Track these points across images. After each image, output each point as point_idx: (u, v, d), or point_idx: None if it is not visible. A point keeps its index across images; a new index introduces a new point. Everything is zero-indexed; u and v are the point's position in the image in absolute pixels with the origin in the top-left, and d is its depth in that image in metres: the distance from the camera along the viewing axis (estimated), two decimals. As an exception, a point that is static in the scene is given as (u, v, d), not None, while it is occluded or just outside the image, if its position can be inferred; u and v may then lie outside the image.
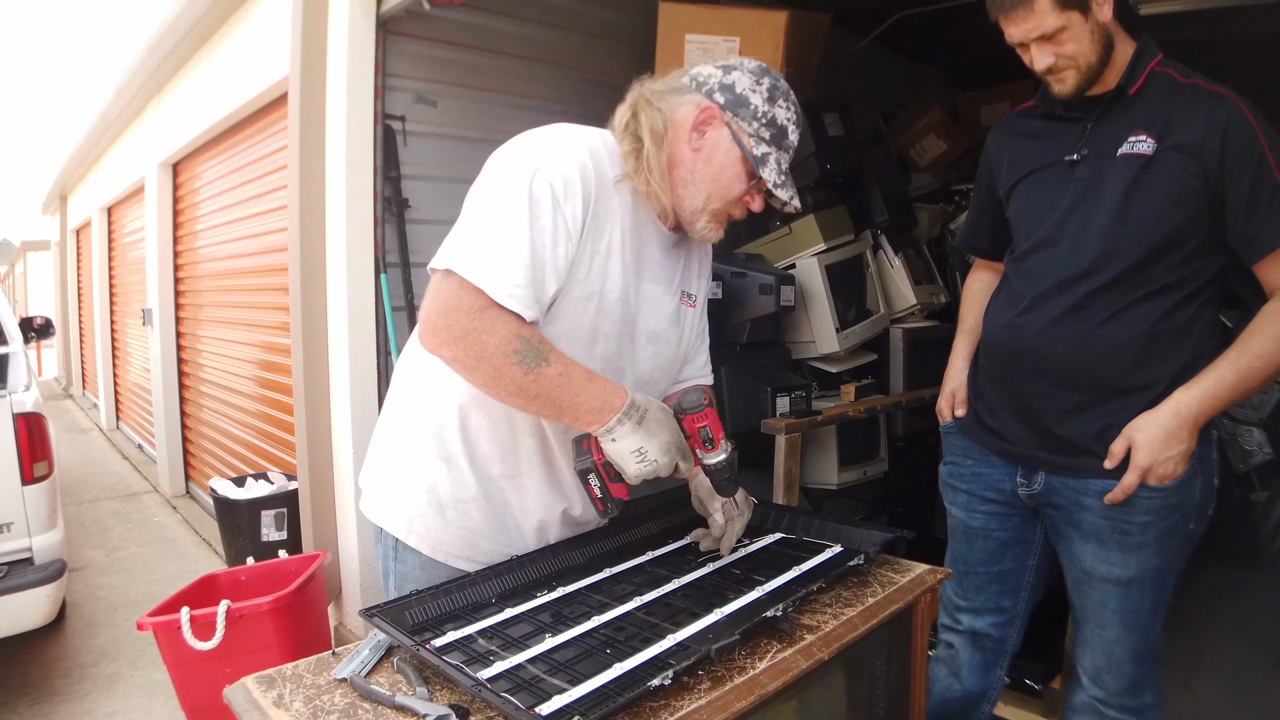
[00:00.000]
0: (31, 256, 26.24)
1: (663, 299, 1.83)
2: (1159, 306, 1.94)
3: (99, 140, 9.76)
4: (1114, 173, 1.95)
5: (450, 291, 1.53)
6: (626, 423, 1.55)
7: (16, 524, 3.83)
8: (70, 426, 11.82)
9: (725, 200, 1.72)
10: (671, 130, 1.70)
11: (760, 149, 1.68)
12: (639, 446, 1.55)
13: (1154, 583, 2.04)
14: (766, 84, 1.69)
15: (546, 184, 1.57)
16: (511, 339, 1.51)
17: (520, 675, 1.30)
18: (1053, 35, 1.89)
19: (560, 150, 1.63)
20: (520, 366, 1.51)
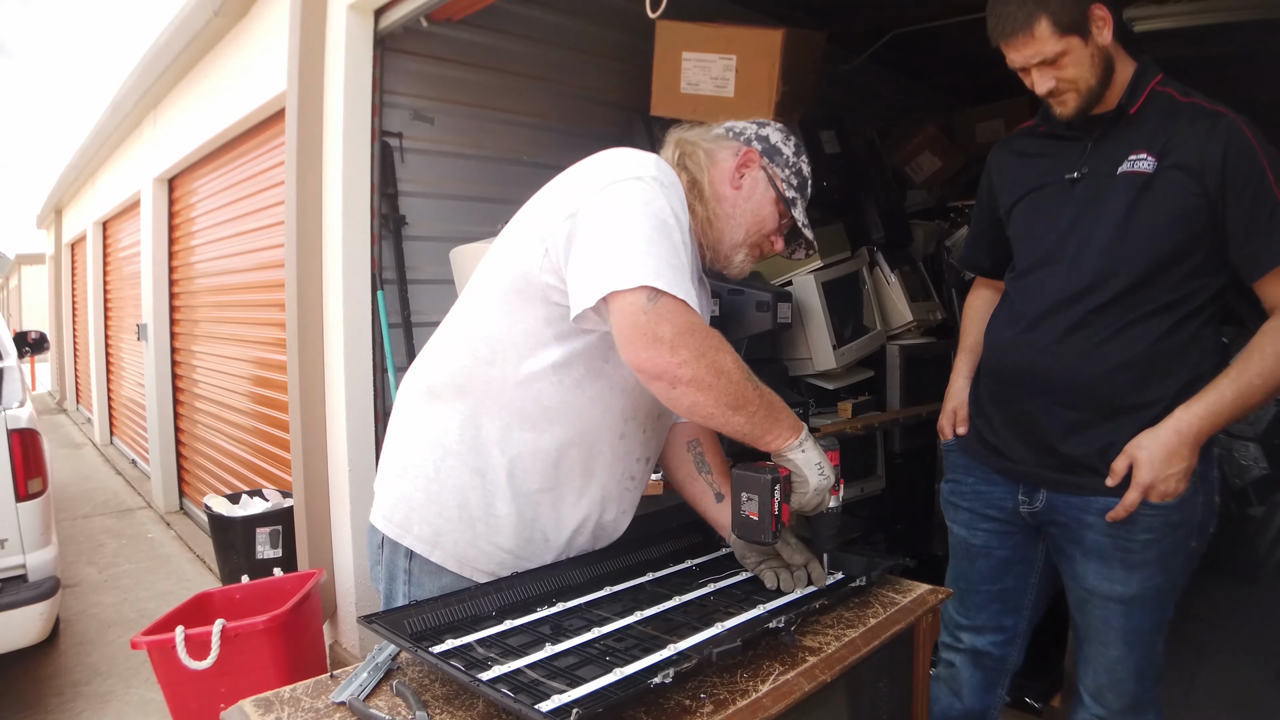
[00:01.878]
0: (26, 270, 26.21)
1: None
2: (1159, 325, 1.94)
3: (95, 155, 9.76)
4: (1114, 191, 1.96)
5: (673, 311, 1.54)
6: (808, 441, 1.67)
7: (10, 541, 3.81)
8: (64, 441, 11.78)
9: (761, 234, 1.87)
10: (714, 171, 1.85)
11: (790, 194, 1.85)
12: (819, 461, 1.66)
13: (1156, 601, 2.04)
14: (794, 142, 1.89)
15: (671, 213, 1.63)
16: (738, 355, 1.60)
17: (519, 679, 1.30)
18: (1053, 60, 1.91)
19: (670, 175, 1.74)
20: (750, 382, 1.59)
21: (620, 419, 1.81)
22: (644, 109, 3.88)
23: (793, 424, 1.66)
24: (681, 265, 1.59)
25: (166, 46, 5.99)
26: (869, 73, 5.19)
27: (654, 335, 1.51)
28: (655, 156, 1.77)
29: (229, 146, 5.94)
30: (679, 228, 1.63)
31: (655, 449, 1.97)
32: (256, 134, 5.41)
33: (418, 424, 1.83)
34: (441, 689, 1.38)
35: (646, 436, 1.89)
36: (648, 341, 1.52)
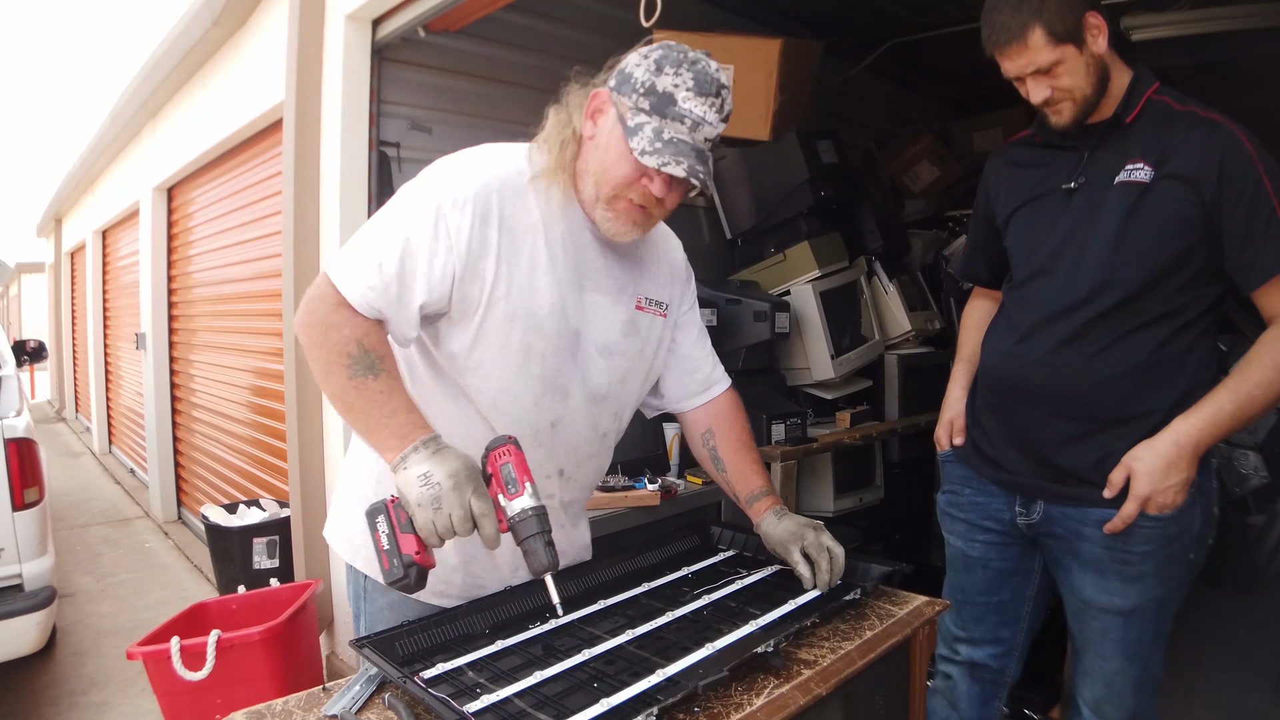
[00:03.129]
0: (26, 279, 26.22)
1: (612, 309, 1.75)
2: (1156, 335, 1.94)
3: (94, 164, 9.77)
4: (1111, 201, 1.96)
5: (321, 282, 1.55)
6: (423, 450, 1.42)
7: (6, 550, 3.80)
8: (62, 450, 11.77)
9: (614, 184, 1.59)
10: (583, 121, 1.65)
11: (636, 119, 1.54)
12: (425, 470, 1.39)
13: (1154, 613, 2.03)
14: (656, 55, 1.56)
15: (434, 197, 1.56)
16: (352, 342, 1.50)
17: (507, 709, 1.28)
18: (1048, 69, 1.90)
19: (463, 167, 1.62)
20: (348, 370, 1.48)
21: (487, 429, 1.67)
22: (642, 119, 3.88)
23: (400, 436, 1.44)
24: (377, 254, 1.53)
25: (165, 56, 6.00)
26: (866, 83, 5.20)
27: (305, 296, 1.57)
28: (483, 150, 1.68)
29: (227, 156, 5.94)
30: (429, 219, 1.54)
31: (573, 462, 1.80)
32: (255, 143, 5.42)
33: (361, 444, 1.81)
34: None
35: (546, 450, 1.73)
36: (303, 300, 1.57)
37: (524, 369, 1.65)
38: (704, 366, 1.96)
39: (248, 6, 4.90)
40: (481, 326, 1.61)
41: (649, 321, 1.82)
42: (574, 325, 1.69)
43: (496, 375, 1.65)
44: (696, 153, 1.54)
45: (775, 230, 3.98)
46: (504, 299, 1.61)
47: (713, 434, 1.95)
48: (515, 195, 1.62)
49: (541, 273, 1.63)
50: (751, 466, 1.92)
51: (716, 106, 1.55)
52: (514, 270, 1.61)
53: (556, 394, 1.69)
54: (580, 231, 1.68)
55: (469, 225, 1.56)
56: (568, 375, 1.70)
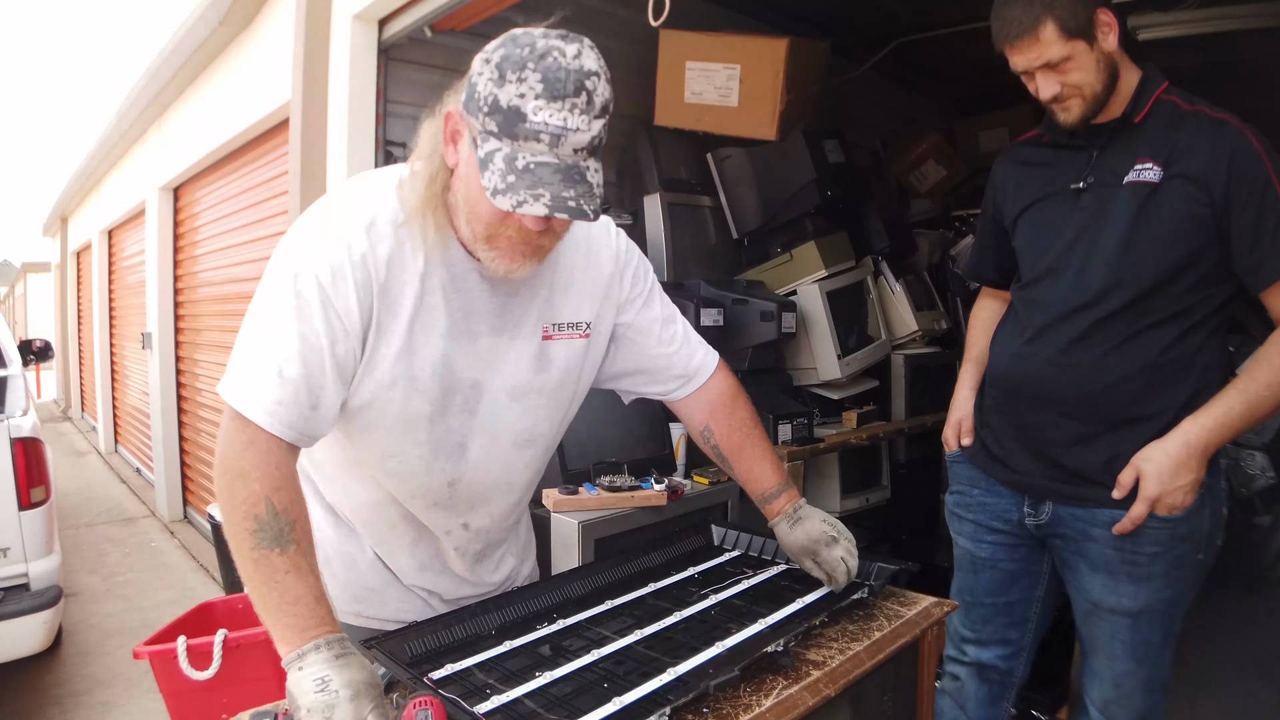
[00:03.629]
0: (32, 278, 26.28)
1: (514, 347, 1.55)
2: (1165, 335, 1.93)
3: (100, 163, 9.79)
4: (1120, 201, 1.95)
5: (226, 416, 1.36)
6: (325, 651, 1.22)
7: (13, 549, 3.81)
8: (68, 449, 11.80)
9: (485, 224, 1.36)
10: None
11: (486, 146, 1.28)
12: (323, 675, 1.19)
13: (1164, 614, 2.02)
14: (499, 57, 1.27)
15: (311, 277, 1.35)
16: (260, 501, 1.29)
17: (517, 710, 1.28)
18: (1058, 64, 1.89)
19: (331, 231, 1.39)
20: (252, 537, 1.27)
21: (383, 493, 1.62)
22: (648, 119, 3.89)
23: (300, 629, 1.23)
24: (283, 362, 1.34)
25: (171, 56, 6.01)
26: (872, 83, 5.19)
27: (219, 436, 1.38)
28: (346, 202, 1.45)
29: (233, 156, 5.96)
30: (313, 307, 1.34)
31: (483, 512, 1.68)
32: (261, 143, 5.43)
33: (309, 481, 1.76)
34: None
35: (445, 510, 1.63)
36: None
37: (408, 434, 1.51)
38: (679, 359, 1.76)
39: (253, 6, 4.91)
40: (359, 394, 1.45)
41: (565, 348, 1.61)
42: (470, 377, 1.52)
43: (380, 441, 1.52)
44: (564, 174, 1.27)
45: (782, 230, 3.97)
46: (380, 367, 1.44)
47: (711, 430, 1.79)
48: (389, 249, 1.41)
49: (420, 332, 1.45)
50: (759, 462, 1.79)
51: (581, 106, 1.27)
52: (392, 333, 1.43)
53: (450, 454, 1.55)
54: (466, 273, 1.47)
55: (355, 300, 1.37)
56: (463, 433, 1.55)
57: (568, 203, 1.26)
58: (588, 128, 1.28)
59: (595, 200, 1.30)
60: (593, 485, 2.81)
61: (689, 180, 4.05)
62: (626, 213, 3.89)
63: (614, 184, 4.07)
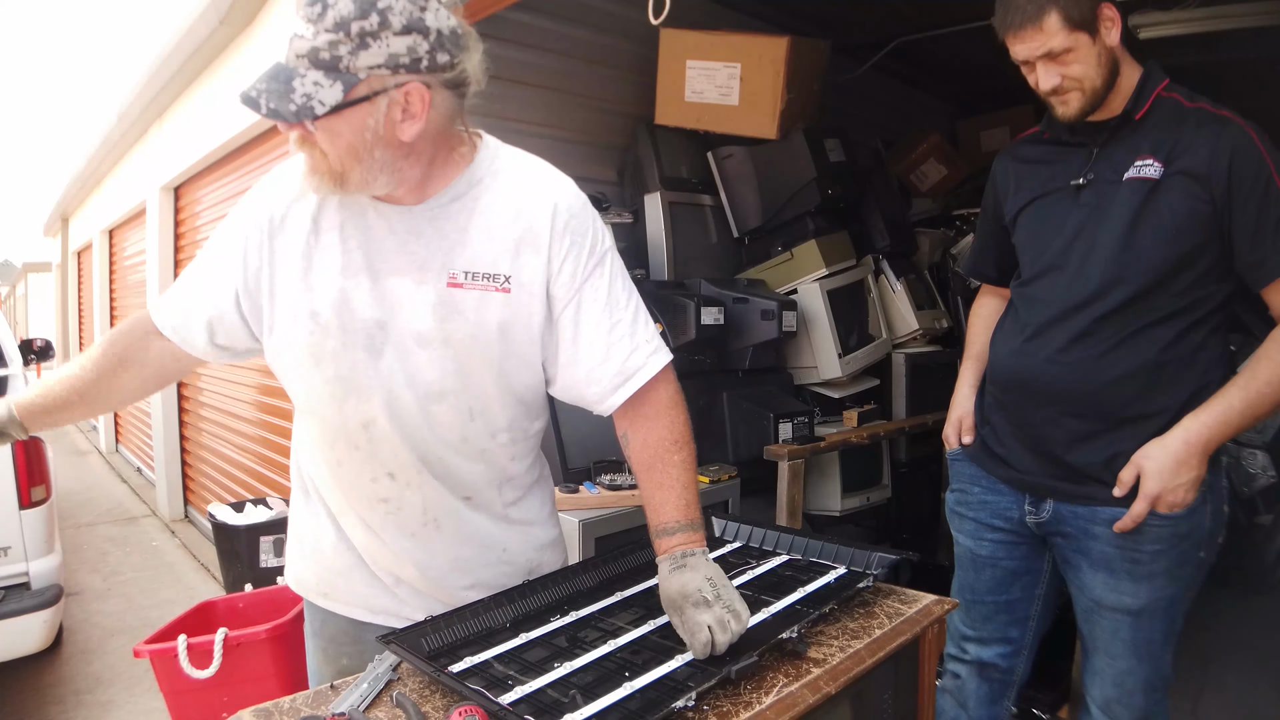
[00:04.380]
0: (33, 278, 26.30)
1: (416, 291, 1.52)
2: (1166, 333, 1.93)
3: (101, 163, 9.79)
4: (1120, 197, 1.95)
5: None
6: None
7: (13, 548, 3.81)
8: (69, 449, 11.80)
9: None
10: None
11: None
12: None
13: (1165, 612, 2.02)
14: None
15: (230, 220, 1.61)
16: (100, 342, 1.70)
17: (541, 700, 1.29)
18: (1059, 55, 1.89)
19: (258, 187, 1.64)
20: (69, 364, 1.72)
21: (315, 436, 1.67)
22: (649, 117, 3.88)
23: None
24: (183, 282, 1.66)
25: (172, 56, 6.01)
26: (872, 82, 5.19)
27: None
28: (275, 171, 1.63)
29: (235, 155, 5.96)
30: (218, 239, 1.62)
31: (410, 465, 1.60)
32: (262, 142, 5.43)
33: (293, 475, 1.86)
34: (442, 699, 1.37)
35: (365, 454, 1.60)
36: None
37: (317, 370, 1.55)
38: (619, 352, 1.58)
39: (254, 6, 4.91)
40: (274, 334, 1.58)
41: (478, 299, 1.52)
42: (372, 316, 1.52)
43: (296, 379, 1.60)
44: (272, 71, 1.36)
45: (782, 229, 3.97)
46: (284, 300, 1.55)
47: (628, 439, 1.63)
48: (292, 195, 1.55)
49: (317, 270, 1.52)
50: (666, 489, 1.59)
51: (314, 15, 1.32)
52: (289, 269, 1.54)
53: (359, 394, 1.54)
54: (362, 212, 1.52)
55: (256, 240, 1.56)
56: (369, 374, 1.54)
57: (249, 93, 1.34)
58: (312, 37, 1.33)
59: (280, 98, 1.34)
60: (593, 484, 2.81)
61: (690, 179, 4.05)
62: (628, 211, 3.88)
63: (614, 183, 4.06)
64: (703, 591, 1.43)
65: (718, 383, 3.54)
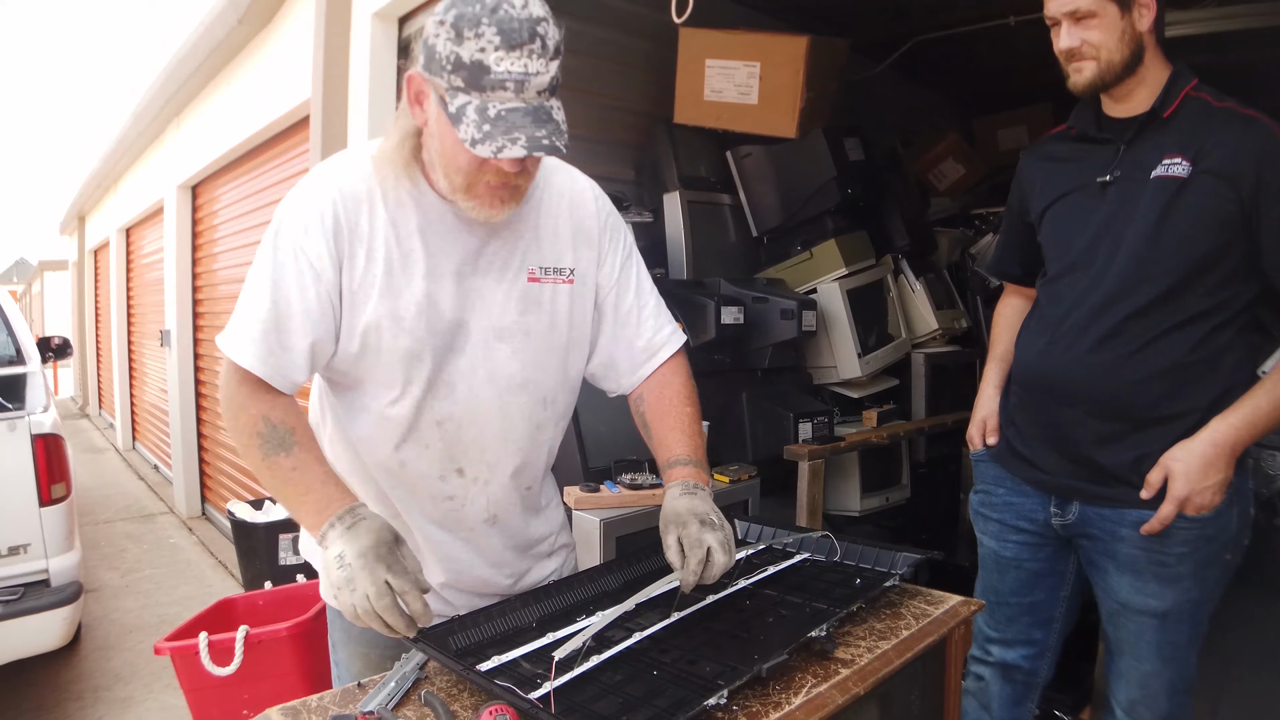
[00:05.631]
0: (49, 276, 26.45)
1: (499, 289, 1.62)
2: (1193, 333, 1.92)
3: (118, 162, 9.84)
4: (1147, 195, 1.93)
5: (225, 373, 1.54)
6: (338, 527, 1.39)
7: (33, 545, 3.82)
8: (86, 446, 11.86)
9: (463, 175, 1.46)
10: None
11: (456, 101, 1.37)
12: (339, 551, 1.36)
13: (1191, 614, 2.01)
14: (452, 17, 1.35)
15: (286, 233, 1.51)
16: (259, 420, 1.48)
17: (571, 698, 1.29)
18: (1083, 17, 1.89)
19: (304, 193, 1.54)
20: (260, 450, 1.47)
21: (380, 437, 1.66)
22: (668, 116, 3.88)
23: (318, 512, 1.42)
24: (254, 309, 1.50)
25: (190, 54, 6.03)
26: (890, 81, 5.17)
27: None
28: (326, 164, 1.60)
29: (253, 154, 5.98)
30: (287, 259, 1.50)
31: (483, 461, 1.68)
32: (280, 141, 5.44)
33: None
34: (470, 698, 1.37)
35: (436, 451, 1.65)
36: None
37: (399, 373, 1.58)
38: (645, 331, 1.79)
39: (272, 5, 4.93)
40: (354, 342, 1.56)
41: (551, 292, 1.67)
42: (454, 317, 1.59)
43: (372, 384, 1.61)
44: (533, 115, 1.37)
45: (802, 228, 3.97)
46: (365, 309, 1.54)
47: (643, 396, 1.79)
48: (359, 203, 1.53)
49: (400, 274, 1.55)
50: (678, 429, 1.74)
51: (538, 50, 1.37)
52: (370, 277, 1.54)
53: (439, 392, 1.61)
54: (441, 217, 1.57)
55: (325, 248, 1.50)
56: (451, 371, 1.61)
57: (541, 141, 1.36)
58: (546, 70, 1.38)
59: (564, 136, 1.39)
60: (614, 483, 2.81)
61: (708, 178, 4.04)
62: (646, 210, 3.88)
63: (632, 182, 4.06)
64: (711, 515, 1.58)
65: (737, 382, 3.53)
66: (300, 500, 1.45)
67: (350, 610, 1.35)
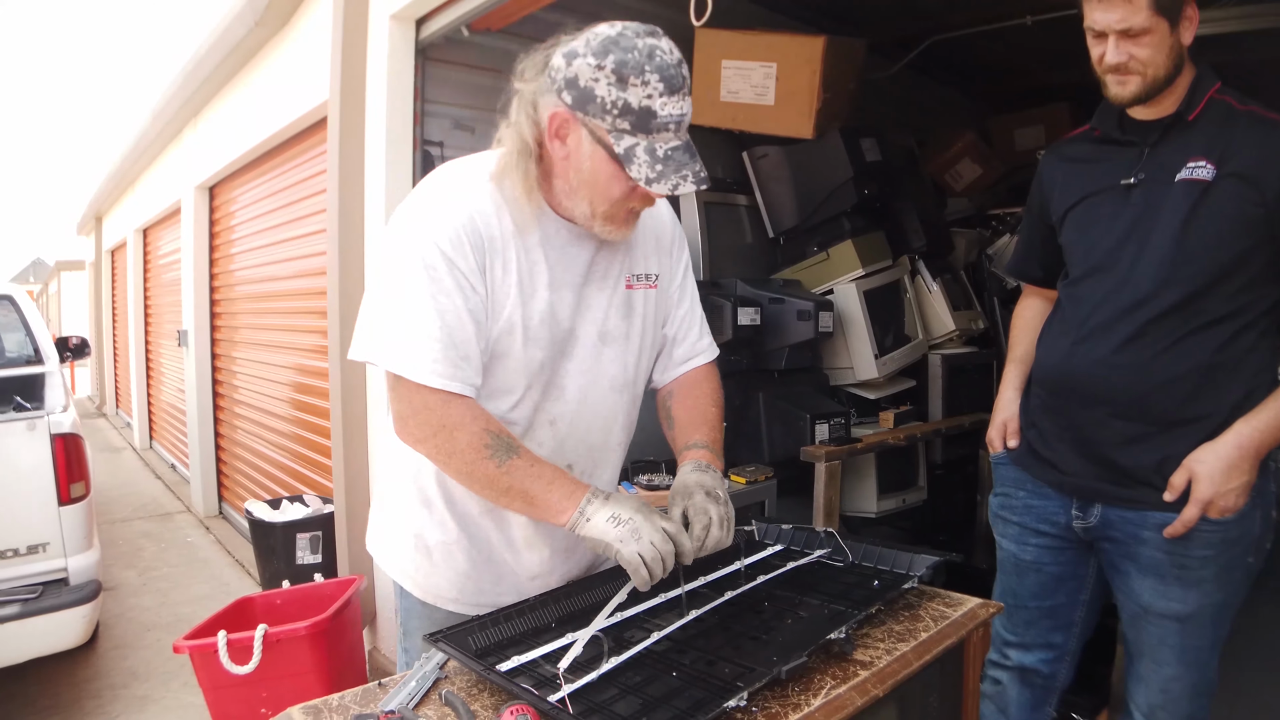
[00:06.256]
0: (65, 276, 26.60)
1: (603, 296, 1.74)
2: (1217, 336, 1.91)
3: (135, 163, 9.87)
4: (1172, 198, 1.92)
5: (403, 392, 1.57)
6: (596, 500, 1.52)
7: (52, 544, 3.85)
8: (104, 445, 11.92)
9: (610, 203, 1.58)
10: (542, 131, 1.57)
11: (624, 143, 1.49)
12: (611, 514, 1.50)
13: (1213, 618, 2.00)
14: (611, 64, 1.46)
15: (432, 247, 1.55)
16: (481, 434, 1.54)
17: (591, 698, 1.29)
18: (1136, 34, 1.86)
19: (440, 205, 1.59)
20: (493, 460, 1.53)
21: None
22: (684, 117, 3.88)
23: (568, 496, 1.53)
24: (422, 327, 1.53)
25: (208, 56, 6.05)
26: (906, 81, 5.16)
27: (396, 412, 1.60)
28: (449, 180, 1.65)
29: (270, 155, 5.99)
30: (442, 271, 1.54)
31: (590, 458, 1.81)
32: (298, 142, 5.46)
33: (386, 458, 1.88)
34: (490, 698, 1.37)
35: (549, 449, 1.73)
36: (396, 418, 1.60)
37: (521, 378, 1.67)
38: (689, 337, 1.93)
39: (290, 7, 4.94)
40: (488, 350, 1.64)
41: (643, 298, 1.80)
42: (569, 325, 1.70)
43: (497, 388, 1.67)
44: (687, 150, 1.52)
45: (818, 229, 3.97)
46: (501, 315, 1.63)
47: (671, 395, 1.91)
48: (490, 219, 1.60)
49: (528, 283, 1.64)
50: (701, 422, 1.84)
51: (686, 91, 1.51)
52: (505, 286, 1.62)
53: (553, 395, 1.71)
54: (558, 231, 1.66)
55: (473, 258, 1.57)
56: (563, 374, 1.72)
57: (700, 175, 1.52)
58: (689, 108, 1.53)
59: (703, 166, 1.55)
60: (631, 484, 2.81)
61: (725, 179, 4.04)
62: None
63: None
64: (719, 491, 1.66)
65: (753, 383, 3.53)
66: (546, 490, 1.53)
67: (635, 559, 1.45)
